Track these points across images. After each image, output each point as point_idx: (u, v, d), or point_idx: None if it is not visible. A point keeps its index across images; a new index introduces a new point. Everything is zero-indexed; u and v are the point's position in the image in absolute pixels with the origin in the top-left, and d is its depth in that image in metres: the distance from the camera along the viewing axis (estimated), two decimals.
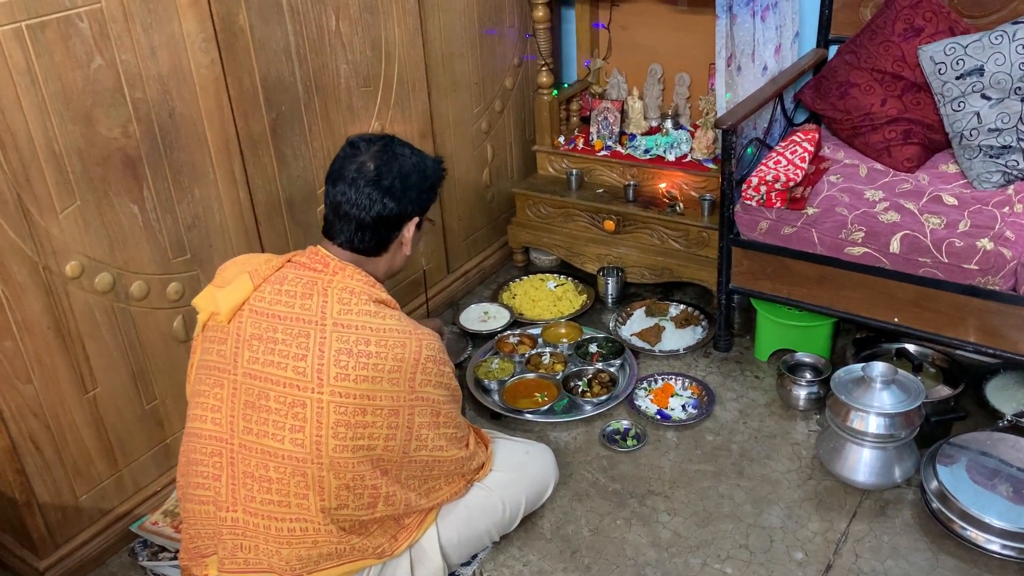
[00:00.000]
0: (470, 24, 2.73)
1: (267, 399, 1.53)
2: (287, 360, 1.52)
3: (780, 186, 2.27)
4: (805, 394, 2.33)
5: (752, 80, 2.52)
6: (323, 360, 1.51)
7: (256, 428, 1.54)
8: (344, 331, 1.52)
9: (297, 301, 1.55)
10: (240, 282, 1.58)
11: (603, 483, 2.16)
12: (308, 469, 1.53)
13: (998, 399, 2.25)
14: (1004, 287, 2.05)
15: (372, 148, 1.62)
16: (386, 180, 1.59)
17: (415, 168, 1.64)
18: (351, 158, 1.62)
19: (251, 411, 1.54)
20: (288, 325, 1.54)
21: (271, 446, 1.53)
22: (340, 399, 1.51)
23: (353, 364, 1.51)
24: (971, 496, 1.90)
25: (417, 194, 1.64)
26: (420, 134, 2.63)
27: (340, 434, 1.52)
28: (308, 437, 1.51)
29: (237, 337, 1.56)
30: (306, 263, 1.60)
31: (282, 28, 2.13)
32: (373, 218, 1.60)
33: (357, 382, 1.51)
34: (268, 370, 1.53)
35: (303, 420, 1.51)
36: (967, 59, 2.30)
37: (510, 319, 2.81)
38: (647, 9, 2.94)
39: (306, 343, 1.52)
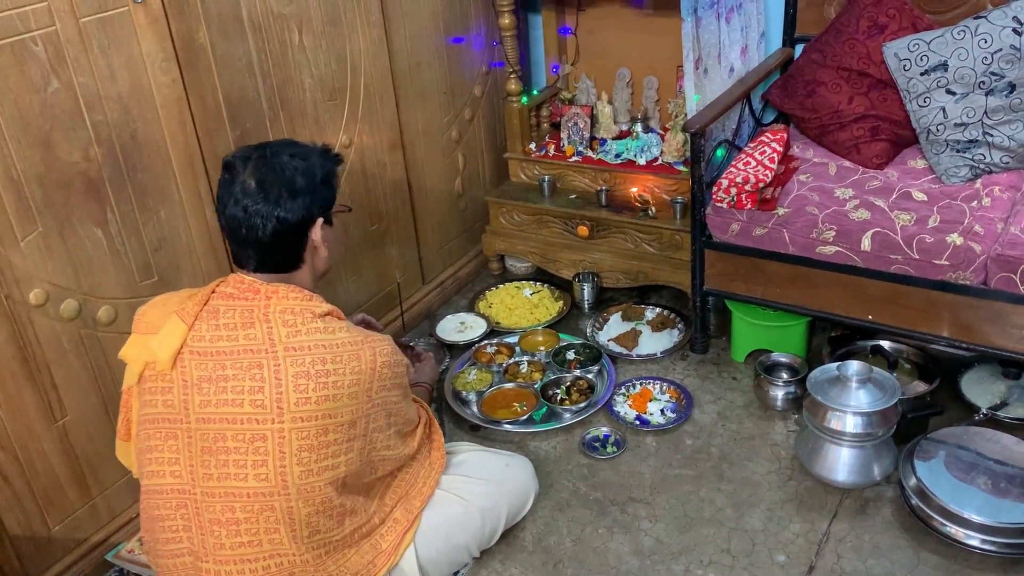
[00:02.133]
0: (436, 33, 2.71)
1: (224, 440, 1.48)
2: (242, 395, 1.46)
3: (750, 187, 2.28)
4: (782, 394, 2.33)
5: (719, 82, 2.52)
6: (281, 388, 1.46)
7: (217, 472, 1.49)
8: (297, 354, 1.47)
9: (239, 333, 1.49)
10: (172, 325, 1.50)
11: (584, 492, 2.15)
12: (275, 503, 1.49)
13: (973, 393, 2.26)
14: (975, 281, 2.06)
15: (248, 165, 1.53)
16: (271, 194, 1.51)
17: (298, 171, 1.54)
18: (231, 182, 1.53)
19: (209, 456, 1.49)
20: (236, 359, 1.47)
21: (235, 487, 1.48)
22: (302, 424, 1.47)
23: (313, 386, 1.47)
24: (950, 492, 1.91)
25: (310, 197, 1.55)
26: (389, 145, 2.62)
27: (304, 459, 1.49)
28: (272, 470, 1.47)
29: (184, 383, 1.49)
30: (235, 293, 1.53)
31: (244, 44, 2.10)
32: (271, 235, 1.52)
33: (319, 403, 1.47)
34: (223, 410, 1.47)
35: (265, 454, 1.47)
36: (931, 55, 2.32)
37: (487, 328, 2.80)
38: (613, 13, 2.94)
39: (260, 374, 1.46)
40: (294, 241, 1.56)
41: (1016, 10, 2.23)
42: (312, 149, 1.62)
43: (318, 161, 1.60)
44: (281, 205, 1.52)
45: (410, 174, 2.73)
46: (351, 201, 2.50)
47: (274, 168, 1.53)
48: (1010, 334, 2.05)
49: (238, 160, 1.55)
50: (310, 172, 1.56)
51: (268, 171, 1.53)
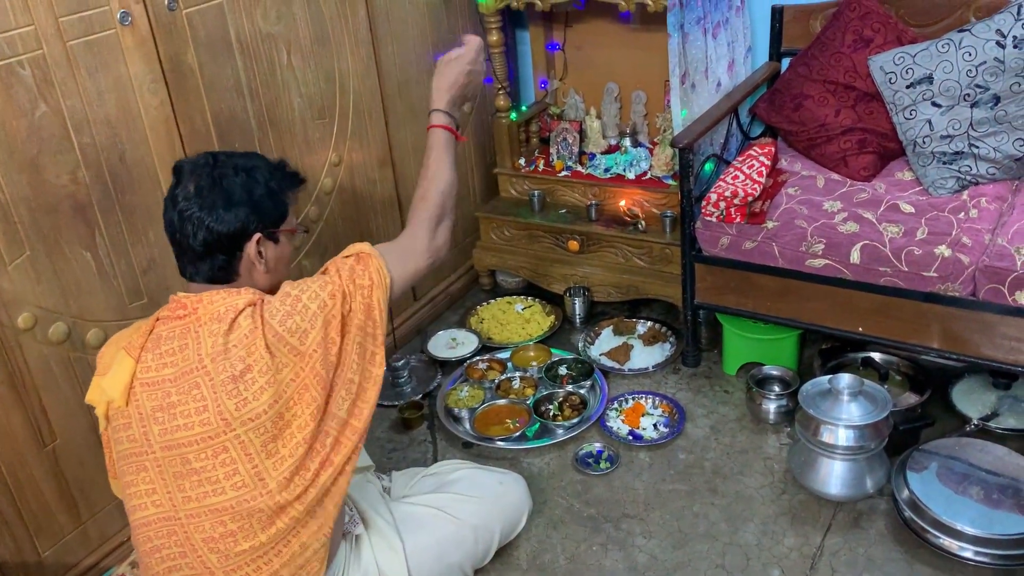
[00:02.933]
0: (425, 51, 2.72)
1: (190, 462, 1.47)
2: (191, 418, 1.46)
3: (739, 201, 2.28)
4: (775, 407, 2.33)
5: (707, 97, 2.54)
6: (218, 401, 1.45)
7: (194, 493, 1.48)
8: (221, 360, 1.46)
9: (178, 356, 1.48)
10: (119, 361, 1.50)
11: (578, 508, 2.15)
12: (262, 504, 1.48)
13: (964, 403, 2.27)
14: (963, 293, 2.07)
15: (195, 170, 1.52)
16: (206, 200, 1.49)
17: (241, 183, 1.52)
18: (175, 186, 1.52)
19: (182, 480, 1.48)
20: (179, 384, 1.47)
21: (216, 502, 1.48)
22: (254, 423, 1.46)
23: (244, 386, 1.45)
24: (942, 504, 1.91)
25: (246, 210, 1.51)
26: (379, 162, 2.62)
27: (272, 451, 1.48)
28: (246, 475, 1.47)
29: (140, 416, 1.49)
30: (171, 315, 1.52)
31: (232, 65, 2.11)
32: (202, 243, 1.49)
33: (257, 398, 1.45)
34: (179, 435, 1.47)
35: (233, 463, 1.47)
36: (916, 68, 2.33)
37: (479, 344, 2.80)
38: (601, 29, 2.96)
39: (200, 393, 1.46)
40: (225, 252, 1.53)
41: (999, 23, 2.25)
42: (264, 164, 1.59)
43: (264, 176, 1.56)
44: (213, 214, 1.49)
45: (400, 191, 2.73)
46: (341, 218, 2.51)
47: (215, 177, 1.51)
48: (999, 345, 2.06)
49: (187, 165, 1.55)
50: (250, 185, 1.53)
51: (208, 179, 1.51)
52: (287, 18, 2.22)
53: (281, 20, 2.20)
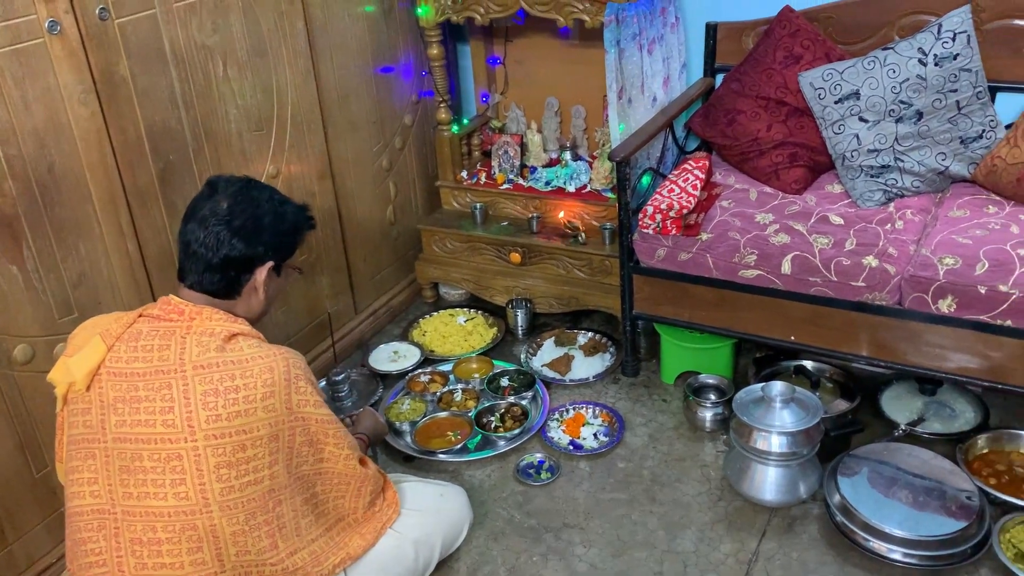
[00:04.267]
0: (364, 63, 2.72)
1: (141, 460, 1.47)
2: (154, 416, 1.47)
3: (674, 214, 2.33)
4: (711, 415, 2.37)
5: (643, 111, 2.58)
6: (190, 408, 1.46)
7: (136, 491, 1.48)
8: (205, 372, 1.48)
9: (155, 354, 1.50)
10: (92, 345, 1.51)
11: (519, 520, 2.15)
12: (198, 521, 1.48)
13: (893, 409, 2.34)
14: (890, 302, 2.14)
15: (230, 188, 1.59)
16: (237, 221, 1.56)
17: (271, 211, 1.61)
18: (206, 197, 1.59)
19: (127, 475, 1.48)
20: (149, 380, 1.49)
21: (155, 506, 1.47)
22: (216, 441, 1.47)
23: (222, 403, 1.47)
24: (872, 507, 1.96)
25: (271, 238, 1.61)
26: (318, 175, 2.61)
27: (224, 476, 1.48)
28: (191, 488, 1.47)
29: (100, 403, 1.50)
30: (160, 315, 1.55)
31: (166, 76, 2.08)
32: (221, 259, 1.56)
33: (230, 419, 1.47)
34: (137, 430, 1.48)
35: (182, 472, 1.46)
36: (844, 84, 2.41)
37: (421, 357, 2.79)
38: (540, 44, 2.99)
39: (170, 394, 1.47)
40: (238, 273, 1.60)
41: (920, 42, 2.34)
42: (292, 202, 1.69)
43: (292, 212, 1.67)
44: (241, 235, 1.57)
45: (340, 203, 2.72)
46: None
47: (250, 200, 1.60)
48: (924, 352, 2.13)
49: (223, 181, 1.61)
50: (281, 217, 1.63)
51: (244, 200, 1.59)
52: (223, 29, 2.20)
53: (217, 31, 2.19)
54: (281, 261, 1.67)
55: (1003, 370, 2.06)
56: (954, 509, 1.95)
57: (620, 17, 2.39)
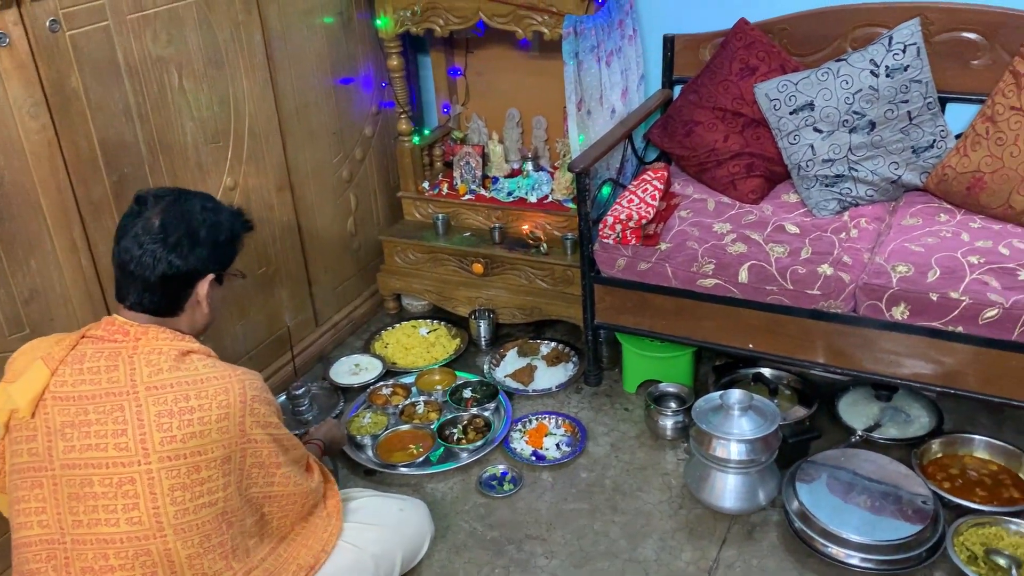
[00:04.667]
0: (323, 74, 2.71)
1: (92, 485, 1.44)
2: (106, 439, 1.43)
3: (634, 224, 2.34)
4: (671, 423, 2.39)
5: (602, 123, 2.60)
6: (144, 429, 1.43)
7: (86, 518, 1.44)
8: (159, 392, 1.45)
9: (103, 376, 1.46)
10: (34, 370, 1.47)
11: (481, 532, 2.15)
12: (152, 546, 1.45)
13: (849, 415, 2.38)
14: (845, 309, 2.17)
15: (159, 203, 1.54)
16: (172, 237, 1.52)
17: (205, 223, 1.56)
18: (136, 214, 1.53)
19: (77, 503, 1.45)
20: (99, 403, 1.45)
21: (106, 532, 1.44)
22: (171, 463, 1.44)
23: (177, 424, 1.44)
24: (829, 513, 1.99)
25: (209, 251, 1.56)
26: (277, 187, 2.59)
27: (178, 499, 1.45)
28: (145, 512, 1.44)
29: (47, 430, 1.46)
30: (104, 335, 1.51)
31: (120, 88, 2.05)
32: (159, 277, 1.51)
33: (185, 440, 1.44)
34: (88, 455, 1.44)
35: (135, 496, 1.43)
36: (798, 95, 2.45)
37: (383, 370, 2.78)
38: (501, 55, 3.00)
39: (122, 416, 1.44)
40: (179, 289, 1.56)
41: (872, 53, 2.38)
42: (226, 208, 1.64)
43: (227, 220, 1.62)
44: (177, 251, 1.52)
45: (300, 215, 2.70)
46: None
47: (183, 214, 1.55)
48: (879, 358, 2.17)
49: (151, 196, 1.56)
50: (217, 228, 1.59)
51: (176, 215, 1.54)
52: (178, 41, 2.18)
53: (172, 43, 2.16)
54: (222, 271, 1.63)
55: (956, 375, 2.10)
56: (910, 513, 1.98)
57: (578, 29, 2.41)
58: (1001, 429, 2.33)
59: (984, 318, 2.00)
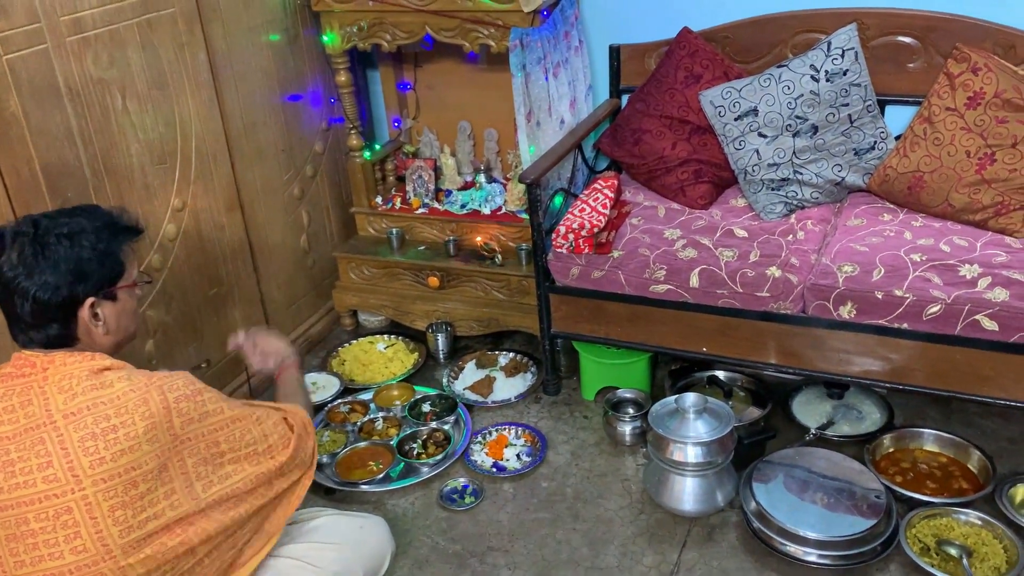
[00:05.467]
0: (271, 92, 2.69)
1: (27, 523, 1.41)
2: (32, 475, 1.40)
3: (586, 233, 2.36)
4: (630, 429, 2.41)
5: (552, 133, 2.62)
6: (70, 456, 1.40)
7: (28, 557, 1.41)
8: (77, 418, 1.42)
9: (19, 413, 1.43)
10: None
11: (443, 546, 2.14)
12: (105, 569, 1.42)
13: (803, 414, 2.42)
14: (794, 310, 2.21)
15: (15, 239, 1.48)
16: (31, 269, 1.46)
17: (65, 249, 1.48)
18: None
19: (16, 543, 1.41)
20: (19, 441, 1.42)
21: (52, 567, 1.41)
22: (105, 484, 1.41)
23: (103, 444, 1.41)
24: (786, 512, 2.02)
25: (74, 277, 1.48)
26: (226, 206, 2.57)
27: (120, 518, 1.42)
28: (88, 539, 1.41)
29: None
30: (13, 372, 1.47)
31: (61, 112, 2.02)
32: (30, 314, 1.47)
33: (116, 459, 1.41)
34: (17, 494, 1.41)
35: (75, 525, 1.40)
36: (742, 101, 2.49)
37: (340, 387, 2.76)
38: (450, 69, 3.01)
39: (44, 449, 1.40)
40: (57, 321, 1.50)
41: (812, 59, 2.43)
42: (91, 224, 1.54)
43: (90, 240, 1.52)
44: (38, 284, 1.46)
45: (251, 234, 2.68)
46: (187, 265, 2.44)
47: (38, 245, 1.47)
48: (829, 358, 2.21)
49: (8, 233, 1.50)
50: (75, 251, 1.50)
51: (31, 247, 1.47)
52: (120, 63, 2.16)
53: (114, 65, 2.14)
54: (102, 289, 1.54)
55: (903, 371, 2.15)
56: (864, 508, 2.01)
57: (524, 42, 2.43)
58: (949, 421, 2.39)
59: (928, 314, 2.05)
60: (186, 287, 2.44)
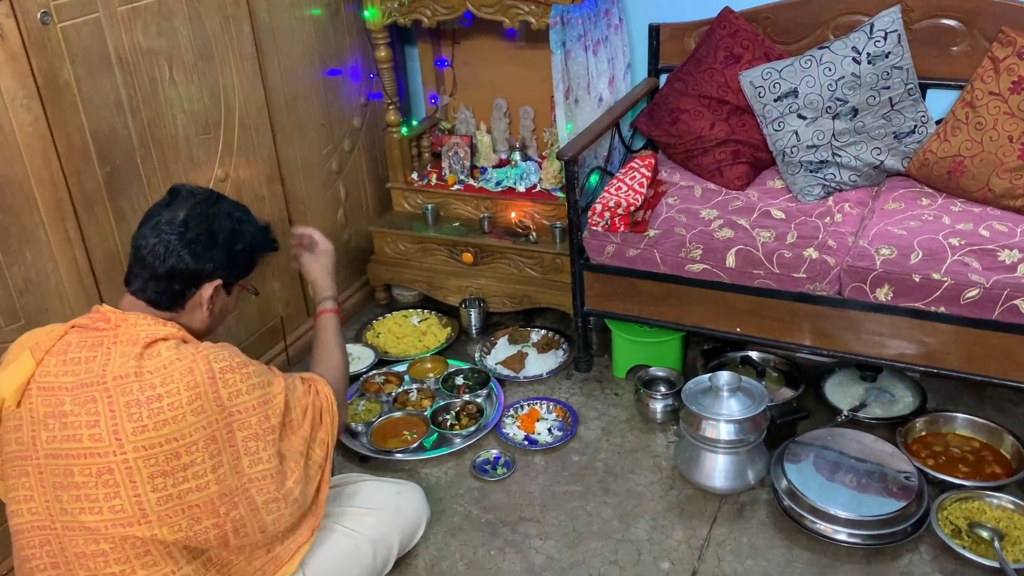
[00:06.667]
0: (312, 66, 2.72)
1: (73, 475, 1.45)
2: (80, 431, 1.44)
3: (622, 211, 2.38)
4: (661, 407, 2.43)
5: (589, 111, 2.63)
6: (115, 420, 1.44)
7: (71, 507, 1.46)
8: (124, 383, 1.45)
9: (82, 367, 1.47)
10: (20, 361, 1.48)
11: (476, 515, 2.18)
12: (137, 532, 1.46)
13: (835, 396, 2.42)
14: (830, 292, 2.21)
15: (190, 199, 1.58)
16: (190, 233, 1.54)
17: (227, 228, 1.59)
18: (165, 205, 1.57)
19: (61, 491, 1.46)
20: (74, 395, 1.46)
21: (90, 520, 1.46)
22: (146, 452, 1.44)
23: (147, 413, 1.44)
24: (817, 491, 2.03)
25: (223, 255, 1.58)
26: (267, 178, 2.60)
27: (159, 486, 1.46)
28: (126, 500, 1.45)
29: (31, 419, 1.47)
30: (88, 324, 1.53)
31: (111, 81, 2.06)
32: (167, 270, 1.54)
33: (158, 428, 1.44)
34: (67, 446, 1.45)
35: (115, 486, 1.45)
36: (782, 82, 2.48)
37: (375, 359, 2.80)
38: (488, 46, 3.02)
39: (95, 407, 1.45)
40: (184, 286, 1.58)
41: (854, 41, 2.42)
42: (255, 223, 1.68)
43: (251, 231, 1.66)
44: (191, 248, 1.55)
45: (290, 206, 2.72)
46: None
47: (208, 215, 1.58)
48: (864, 340, 2.21)
49: (185, 191, 1.60)
50: (237, 236, 1.61)
51: (201, 213, 1.57)
52: (169, 33, 2.19)
53: (162, 35, 2.18)
54: (232, 280, 1.63)
55: (938, 355, 2.15)
56: (895, 490, 2.02)
57: (565, 19, 2.44)
58: (983, 407, 2.39)
59: (965, 298, 2.05)
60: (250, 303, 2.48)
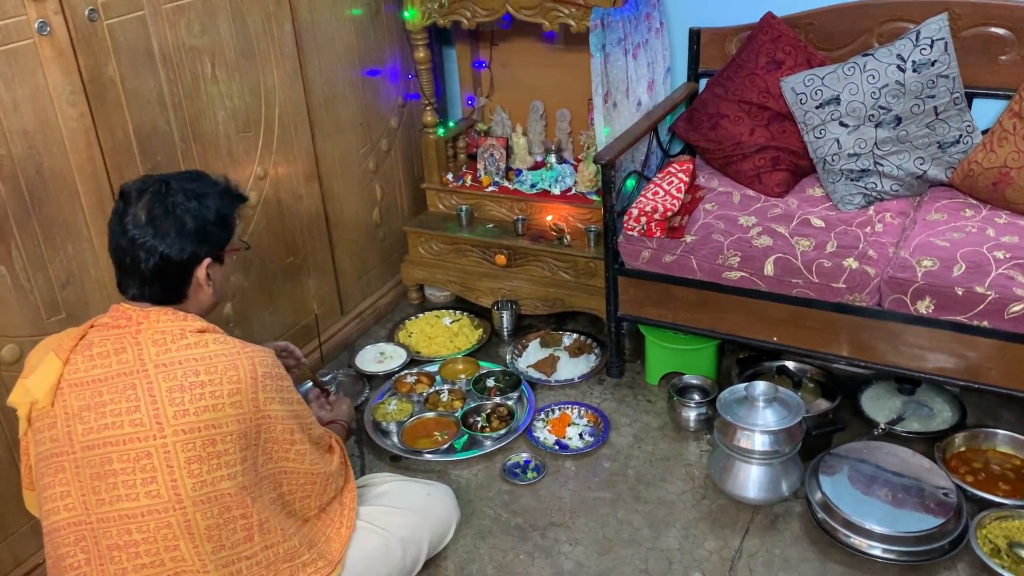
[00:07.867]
0: (351, 66, 2.73)
1: (111, 463, 1.47)
2: (121, 417, 1.47)
3: (659, 216, 2.36)
4: (695, 415, 2.41)
5: (628, 115, 2.61)
6: (157, 404, 1.46)
7: (108, 496, 1.48)
8: (168, 369, 1.48)
9: (112, 359, 1.50)
10: (47, 362, 1.51)
11: (505, 518, 2.17)
12: (172, 518, 1.48)
13: (872, 408, 2.38)
14: (870, 303, 2.18)
15: (143, 198, 1.55)
16: (160, 230, 1.53)
17: (190, 212, 1.56)
18: (123, 211, 1.55)
19: (99, 482, 1.48)
20: (111, 384, 1.49)
21: (128, 508, 1.48)
22: (185, 436, 1.47)
23: (189, 398, 1.47)
24: (852, 504, 2.00)
25: (199, 236, 1.56)
26: (305, 176, 2.62)
27: (195, 471, 1.48)
28: (163, 485, 1.47)
29: (66, 415, 1.49)
30: (108, 323, 1.55)
31: (155, 77, 2.09)
32: (152, 270, 1.54)
33: (198, 414, 1.47)
34: (105, 434, 1.48)
35: (153, 471, 1.47)
36: (824, 89, 2.45)
37: (407, 358, 2.81)
38: (526, 48, 3.02)
39: (135, 394, 1.47)
40: (176, 278, 1.58)
41: (899, 48, 2.38)
42: (212, 188, 1.63)
43: (214, 203, 1.61)
44: (167, 242, 1.54)
45: (327, 205, 2.74)
46: (266, 233, 2.50)
47: (167, 206, 1.55)
48: (903, 352, 2.17)
49: (134, 191, 1.57)
50: (202, 214, 1.58)
51: (160, 207, 1.54)
52: (211, 31, 2.21)
53: (205, 33, 2.20)
54: (218, 251, 1.63)
55: (979, 370, 2.11)
56: (932, 506, 1.99)
57: (606, 22, 2.42)
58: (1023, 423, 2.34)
59: (1010, 313, 2.01)
60: (264, 254, 2.50)
